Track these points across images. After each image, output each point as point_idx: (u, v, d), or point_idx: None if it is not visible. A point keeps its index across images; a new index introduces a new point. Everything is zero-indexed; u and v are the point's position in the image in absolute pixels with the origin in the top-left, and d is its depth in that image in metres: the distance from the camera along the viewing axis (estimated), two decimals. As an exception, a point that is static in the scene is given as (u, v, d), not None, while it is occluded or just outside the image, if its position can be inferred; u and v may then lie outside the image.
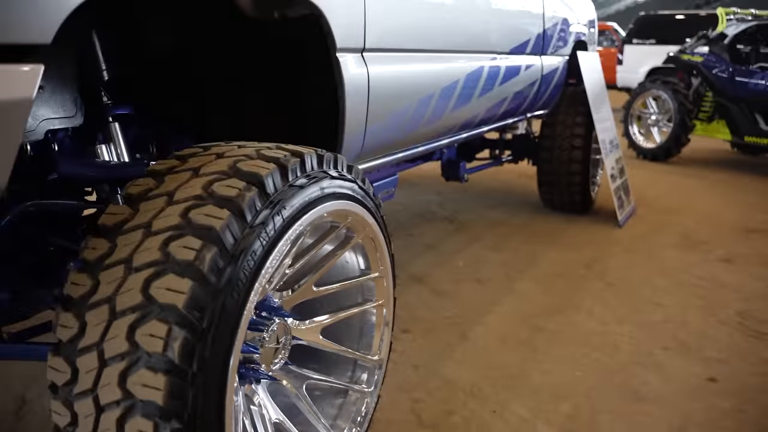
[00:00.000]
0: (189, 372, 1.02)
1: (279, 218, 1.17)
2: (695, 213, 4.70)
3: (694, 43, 7.10)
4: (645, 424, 1.98)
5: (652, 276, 3.31)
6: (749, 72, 6.29)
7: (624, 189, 4.54)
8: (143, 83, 1.77)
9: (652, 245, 3.85)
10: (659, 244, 3.89)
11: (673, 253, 3.72)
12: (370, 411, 1.69)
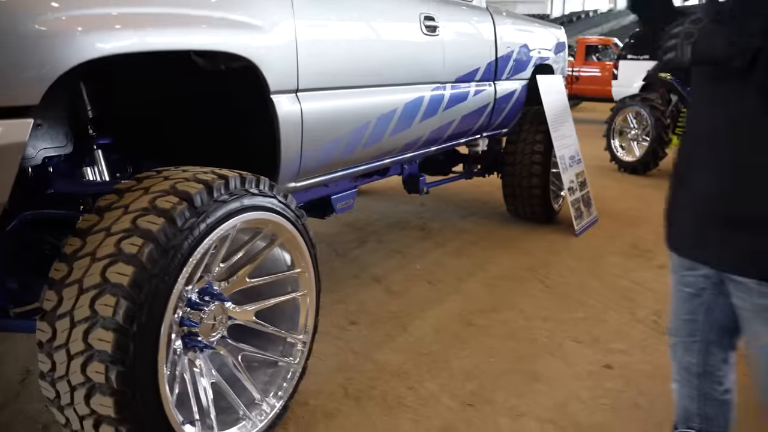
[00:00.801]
0: (130, 331, 1.47)
1: (203, 224, 1.62)
2: (654, 224, 5.05)
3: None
4: (534, 399, 2.39)
5: (589, 279, 3.71)
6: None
7: (584, 201, 4.93)
8: (120, 121, 2.23)
9: (600, 253, 4.24)
10: (607, 251, 4.28)
11: (616, 260, 4.11)
12: (295, 379, 2.13)
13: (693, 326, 1.60)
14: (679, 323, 1.63)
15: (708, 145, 1.41)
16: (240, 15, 1.98)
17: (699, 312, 1.58)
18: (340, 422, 2.21)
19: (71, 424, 1.60)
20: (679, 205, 1.52)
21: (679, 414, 1.70)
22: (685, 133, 1.56)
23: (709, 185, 1.40)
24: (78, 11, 1.52)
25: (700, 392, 1.64)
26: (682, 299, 1.60)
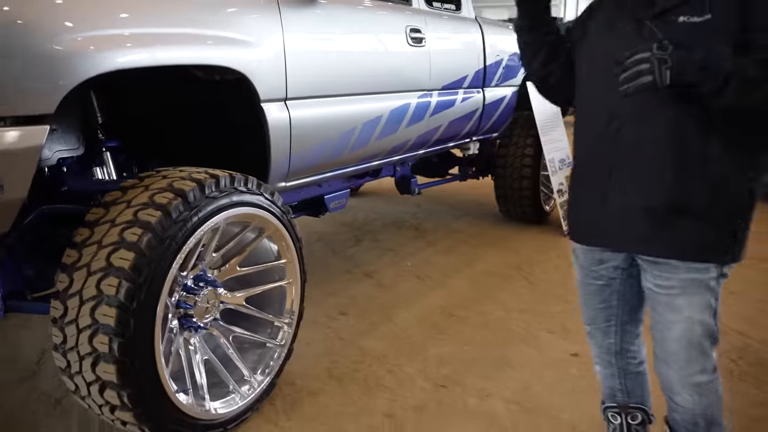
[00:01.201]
0: (130, 308, 1.71)
1: (196, 217, 1.87)
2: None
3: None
4: (503, 382, 2.60)
5: (571, 277, 3.91)
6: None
7: (574, 203, 5.13)
8: (127, 126, 2.48)
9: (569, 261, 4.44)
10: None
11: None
12: (281, 359, 2.36)
13: (609, 312, 1.81)
14: (594, 312, 1.83)
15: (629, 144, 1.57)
16: (233, 32, 2.22)
17: (612, 299, 1.79)
18: (323, 400, 2.44)
19: (80, 390, 1.85)
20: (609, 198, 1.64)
21: (605, 392, 1.93)
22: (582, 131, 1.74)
23: (638, 182, 1.59)
24: (89, 32, 1.77)
25: (620, 369, 1.87)
26: (594, 292, 1.80)
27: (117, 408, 1.81)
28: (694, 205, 1.53)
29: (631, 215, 1.60)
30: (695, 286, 1.58)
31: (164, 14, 2.04)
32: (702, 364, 1.64)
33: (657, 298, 1.65)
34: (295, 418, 2.31)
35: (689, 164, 1.52)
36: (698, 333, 1.61)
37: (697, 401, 1.66)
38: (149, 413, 1.84)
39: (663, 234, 1.57)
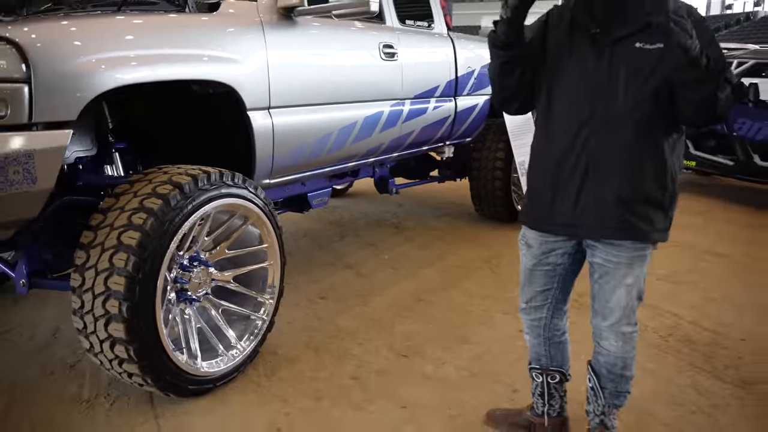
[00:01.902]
0: (137, 278, 2.12)
1: (190, 206, 2.27)
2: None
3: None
4: (458, 354, 3.00)
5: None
6: (682, 104, 7.22)
7: (543, 203, 5.53)
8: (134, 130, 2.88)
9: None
10: (556, 246, 4.88)
11: (562, 253, 4.70)
12: (263, 330, 2.76)
13: (547, 293, 2.18)
14: (534, 293, 2.18)
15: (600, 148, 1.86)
16: (223, 52, 2.63)
17: (554, 282, 2.15)
18: (300, 366, 2.84)
19: (94, 348, 2.25)
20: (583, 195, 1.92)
21: (532, 356, 2.32)
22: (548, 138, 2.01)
23: (613, 180, 1.88)
24: (103, 55, 2.18)
25: (546, 339, 2.26)
26: (540, 276, 2.14)
27: (125, 361, 2.21)
28: (653, 198, 1.89)
29: (605, 208, 1.91)
30: (638, 260, 1.96)
31: (163, 38, 2.45)
32: (629, 318, 2.03)
33: (606, 270, 1.99)
34: (274, 379, 2.71)
35: (649, 164, 1.87)
36: (633, 295, 2.01)
37: (620, 346, 2.06)
38: (151, 366, 2.24)
39: (630, 222, 1.90)
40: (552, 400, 2.29)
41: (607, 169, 1.88)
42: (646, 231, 1.92)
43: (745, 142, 6.45)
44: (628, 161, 1.87)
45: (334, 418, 2.44)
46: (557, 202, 1.98)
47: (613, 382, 2.11)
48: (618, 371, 2.10)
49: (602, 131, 1.87)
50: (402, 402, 2.56)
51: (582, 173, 1.91)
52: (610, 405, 2.14)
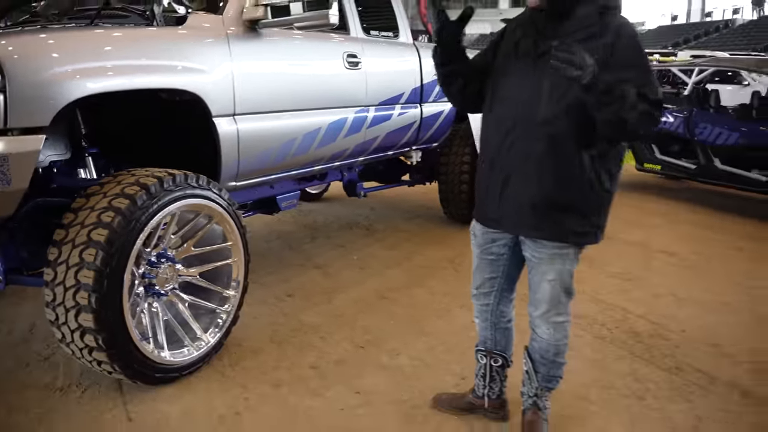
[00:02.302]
0: (105, 272, 2.29)
1: (156, 205, 2.45)
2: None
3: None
4: (413, 345, 3.19)
5: (493, 267, 4.52)
6: (647, 110, 7.48)
7: (509, 206, 5.75)
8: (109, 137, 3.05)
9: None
10: (519, 247, 5.09)
11: (523, 253, 4.92)
12: (228, 323, 2.94)
13: (493, 281, 2.39)
14: (483, 280, 2.41)
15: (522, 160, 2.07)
16: (190, 63, 2.82)
17: (499, 271, 2.37)
18: (263, 357, 3.02)
19: (66, 338, 2.42)
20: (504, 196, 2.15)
21: (479, 339, 2.52)
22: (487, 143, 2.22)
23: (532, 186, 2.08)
24: (72, 66, 2.36)
25: (492, 323, 2.46)
26: (486, 264, 2.37)
27: (94, 350, 2.38)
28: (566, 203, 2.08)
29: (521, 209, 2.13)
30: (558, 257, 2.16)
31: (132, 49, 2.63)
32: (558, 309, 2.23)
33: (533, 264, 2.22)
34: (237, 369, 2.89)
35: (562, 173, 2.05)
36: (558, 289, 2.20)
37: (552, 334, 2.26)
38: (119, 354, 2.42)
39: (543, 223, 2.11)
40: (492, 383, 2.48)
41: (524, 174, 2.09)
42: (559, 234, 2.11)
43: (706, 146, 6.71)
44: (542, 170, 2.05)
45: (290, 402, 2.62)
46: (488, 199, 2.22)
47: (545, 366, 2.31)
48: (550, 357, 2.30)
49: (523, 140, 2.07)
50: (357, 389, 2.75)
51: (505, 175, 2.13)
52: (543, 388, 2.34)
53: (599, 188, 2.07)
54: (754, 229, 5.93)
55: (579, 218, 2.09)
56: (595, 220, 2.12)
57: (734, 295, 4.07)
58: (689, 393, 2.80)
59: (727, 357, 3.18)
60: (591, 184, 2.06)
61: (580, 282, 4.14)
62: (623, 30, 1.95)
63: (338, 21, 3.19)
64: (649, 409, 2.66)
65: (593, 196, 2.08)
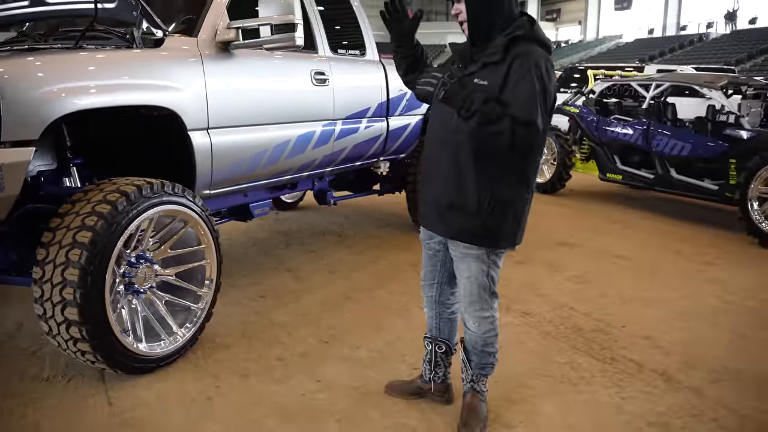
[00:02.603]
0: (89, 270, 2.57)
1: (135, 210, 2.73)
2: (533, 232, 6.19)
3: (574, 96, 8.72)
4: (372, 340, 3.48)
5: (454, 270, 4.82)
6: (609, 122, 7.85)
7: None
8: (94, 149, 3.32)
9: (474, 252, 5.36)
10: (481, 252, 5.41)
11: (485, 258, 5.23)
12: (201, 319, 3.21)
13: (434, 273, 2.70)
14: (427, 272, 2.72)
15: (437, 168, 2.41)
16: (166, 81, 3.10)
17: (438, 264, 2.67)
18: (234, 351, 3.29)
19: (52, 330, 2.68)
20: (425, 200, 2.53)
21: (427, 327, 2.81)
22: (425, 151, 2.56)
23: (437, 190, 2.44)
24: (59, 85, 2.63)
25: (437, 313, 2.76)
26: (428, 257, 2.69)
27: (78, 341, 2.64)
28: (462, 205, 2.36)
29: (431, 207, 2.47)
30: (469, 257, 2.45)
31: (113, 70, 2.91)
32: (481, 305, 2.51)
33: (454, 262, 2.52)
34: (210, 361, 3.16)
35: (463, 180, 2.34)
36: (476, 287, 2.48)
37: (478, 327, 2.55)
38: (101, 345, 2.68)
39: (447, 223, 2.43)
40: (437, 368, 2.78)
41: (437, 179, 2.42)
42: (460, 234, 2.39)
43: (663, 157, 7.10)
44: (448, 177, 2.36)
45: (256, 389, 2.90)
46: (420, 200, 2.57)
47: (477, 356, 2.61)
48: (480, 348, 2.59)
49: (440, 148, 2.40)
50: (318, 377, 3.03)
51: (427, 180, 2.49)
52: (478, 374, 2.63)
53: (489, 195, 2.30)
54: (704, 234, 6.31)
55: (477, 222, 2.34)
56: (486, 222, 2.32)
57: (675, 293, 4.41)
58: (619, 380, 3.11)
59: (658, 348, 3.50)
60: (479, 191, 2.29)
61: (537, 285, 4.50)
62: (519, 57, 2.19)
63: (305, 42, 3.50)
64: (580, 393, 2.97)
65: (482, 202, 2.30)
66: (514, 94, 2.16)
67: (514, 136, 2.12)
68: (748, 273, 4.99)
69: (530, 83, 2.16)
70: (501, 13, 2.27)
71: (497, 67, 2.23)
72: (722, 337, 3.68)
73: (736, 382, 3.12)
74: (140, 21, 3.11)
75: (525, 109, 2.13)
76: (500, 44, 2.23)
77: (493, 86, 2.20)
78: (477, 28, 2.31)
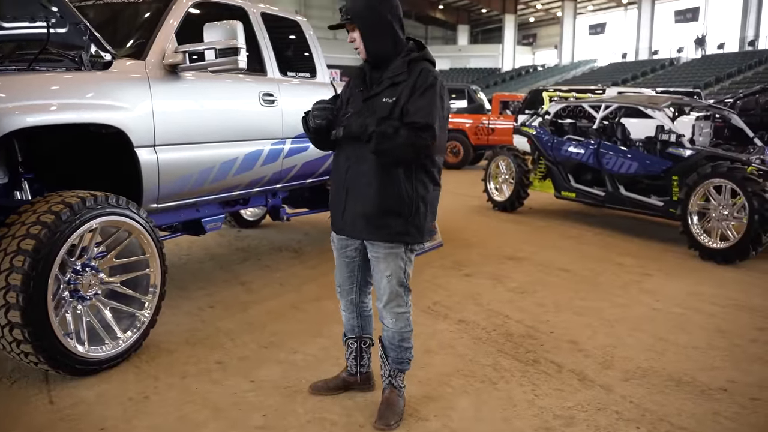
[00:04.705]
0: (31, 275, 2.76)
1: (78, 221, 2.93)
2: (486, 247, 6.47)
3: (531, 117, 9.05)
4: (310, 346, 3.68)
5: (402, 282, 5.04)
6: (563, 141, 8.17)
7: (428, 229, 6.30)
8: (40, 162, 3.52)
9: (423, 266, 5.59)
10: (430, 265, 5.64)
11: (433, 270, 5.46)
12: (145, 325, 3.40)
13: (352, 279, 2.92)
14: (344, 279, 2.94)
15: (357, 183, 2.65)
16: (113, 101, 3.32)
17: (354, 270, 2.89)
18: (177, 355, 3.48)
19: (-4, 333, 2.86)
20: (349, 211, 2.73)
21: (346, 328, 3.02)
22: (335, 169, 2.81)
23: (362, 202, 2.66)
24: (11, 103, 2.84)
25: (357, 314, 2.97)
26: (344, 264, 2.90)
27: (21, 342, 2.82)
28: (392, 210, 2.60)
29: (358, 219, 2.68)
30: (391, 256, 2.69)
31: (62, 90, 3.12)
32: (398, 301, 2.74)
33: (374, 264, 2.75)
34: (152, 364, 3.34)
35: (384, 187, 2.60)
36: (394, 283, 2.71)
37: (394, 323, 2.77)
38: (43, 347, 2.86)
39: (378, 229, 2.65)
40: (363, 361, 3.01)
41: (357, 191, 2.65)
42: (387, 235, 2.64)
43: (612, 174, 7.41)
44: (368, 186, 2.61)
45: (192, 388, 3.09)
46: (336, 212, 2.77)
47: (394, 351, 2.82)
48: (397, 343, 2.81)
49: (356, 163, 2.63)
50: (252, 378, 3.22)
51: (345, 192, 2.67)
52: (395, 369, 2.85)
53: (415, 196, 2.59)
54: (650, 248, 6.60)
55: (401, 221, 2.61)
56: (413, 220, 2.61)
57: (607, 303, 4.67)
58: (537, 379, 3.34)
59: (581, 351, 3.74)
60: (407, 194, 2.58)
61: (478, 295, 4.74)
62: (421, 76, 2.53)
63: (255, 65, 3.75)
64: (497, 390, 3.19)
65: (410, 203, 2.58)
66: (418, 104, 2.48)
67: (415, 139, 2.43)
68: (681, 283, 5.27)
69: (432, 94, 2.50)
70: (393, 39, 2.60)
71: (403, 85, 2.53)
72: (642, 341, 3.92)
73: (645, 379, 3.35)
74: (89, 45, 3.33)
75: (425, 114, 2.46)
76: (403, 65, 2.55)
77: (400, 101, 2.51)
78: (376, 54, 2.62)
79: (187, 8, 3.98)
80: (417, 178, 2.61)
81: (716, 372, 3.45)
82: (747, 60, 32.37)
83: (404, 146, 2.45)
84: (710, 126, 8.19)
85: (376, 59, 2.62)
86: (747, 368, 3.52)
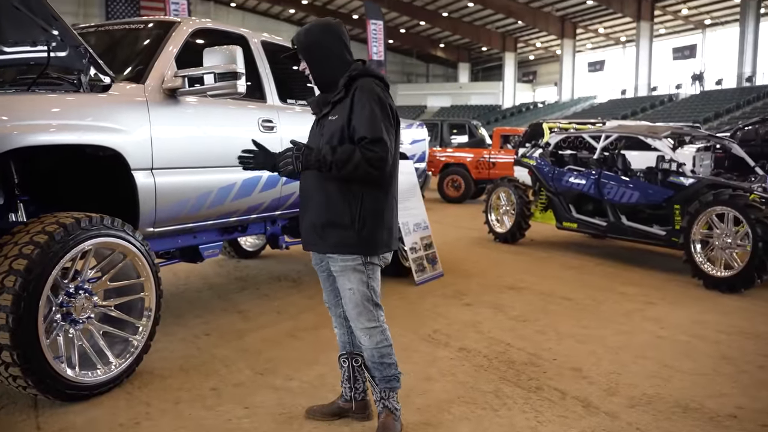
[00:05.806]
0: (23, 296, 2.71)
1: (72, 241, 2.89)
2: (486, 277, 6.40)
3: (531, 148, 9.06)
4: (306, 373, 3.60)
5: (401, 311, 4.97)
6: (563, 172, 8.16)
7: (428, 259, 6.26)
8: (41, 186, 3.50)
9: (425, 295, 5.53)
10: (432, 294, 5.57)
11: (434, 299, 5.39)
12: (138, 350, 3.33)
13: (335, 292, 2.86)
14: (327, 294, 2.90)
15: (309, 195, 2.68)
16: (111, 123, 3.31)
17: (335, 284, 2.83)
18: (170, 382, 3.40)
19: (-16, 354, 2.79)
20: (304, 225, 2.74)
21: (340, 346, 2.96)
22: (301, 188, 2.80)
23: (312, 213, 2.66)
24: (12, 123, 2.83)
25: (348, 328, 2.91)
26: (324, 279, 2.87)
27: (10, 365, 2.76)
28: (337, 221, 2.60)
29: (309, 230, 2.70)
30: (348, 269, 2.65)
31: (64, 112, 3.12)
32: (367, 316, 2.70)
33: (336, 278, 2.72)
34: (145, 390, 3.27)
35: (331, 201, 2.61)
36: (359, 297, 2.67)
37: (369, 340, 2.72)
38: (32, 370, 2.79)
39: (323, 240, 2.65)
40: (356, 384, 2.92)
41: (308, 203, 2.69)
42: (334, 245, 2.63)
43: (614, 204, 7.38)
44: (318, 199, 2.64)
45: (185, 415, 3.01)
46: (301, 227, 2.78)
47: (378, 369, 2.76)
48: (377, 360, 2.75)
49: (309, 179, 2.68)
50: (247, 405, 3.15)
51: (303, 206, 2.74)
52: (385, 389, 2.77)
53: (360, 208, 2.59)
54: (653, 278, 6.52)
55: (352, 233, 2.60)
56: (363, 233, 2.59)
57: (610, 330, 4.59)
58: (540, 406, 3.25)
59: (585, 379, 3.65)
60: (352, 205, 2.59)
61: (479, 324, 4.66)
62: (358, 89, 2.57)
63: (254, 92, 3.75)
64: (499, 417, 3.10)
65: (355, 215, 2.58)
66: (360, 119, 2.52)
67: (369, 153, 2.45)
68: (686, 311, 5.18)
69: (370, 107, 2.53)
70: (338, 62, 2.67)
71: (343, 102, 2.60)
72: (647, 368, 3.83)
73: (651, 405, 3.27)
74: (88, 67, 3.33)
75: (371, 128, 2.49)
76: (342, 84, 2.62)
77: (342, 118, 2.57)
78: (322, 78, 2.72)
79: (186, 35, 4.01)
80: (365, 191, 2.61)
81: (724, 398, 3.36)
82: (745, 95, 32.64)
83: (360, 165, 2.47)
84: (710, 157, 8.19)
85: (323, 85, 2.73)
86: (755, 394, 3.43)
